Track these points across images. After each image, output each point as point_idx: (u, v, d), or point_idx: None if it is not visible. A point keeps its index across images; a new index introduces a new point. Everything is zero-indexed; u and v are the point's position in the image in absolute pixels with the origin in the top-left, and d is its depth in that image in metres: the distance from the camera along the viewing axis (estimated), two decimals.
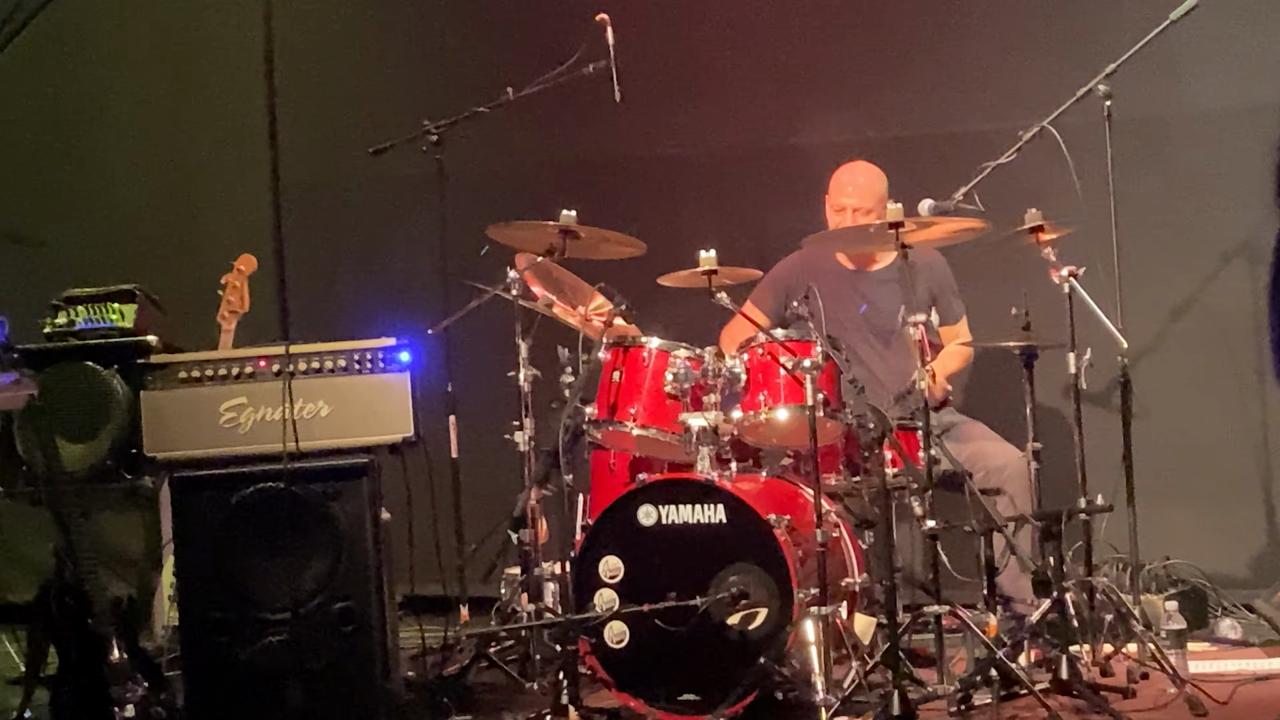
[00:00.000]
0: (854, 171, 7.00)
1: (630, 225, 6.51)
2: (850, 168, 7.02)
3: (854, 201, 6.91)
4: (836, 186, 7.00)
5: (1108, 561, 6.66)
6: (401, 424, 5.64)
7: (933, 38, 7.70)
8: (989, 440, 6.72)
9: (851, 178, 6.98)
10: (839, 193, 6.98)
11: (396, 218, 8.04)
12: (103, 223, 8.48)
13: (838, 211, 6.96)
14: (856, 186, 6.95)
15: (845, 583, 6.01)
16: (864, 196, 6.91)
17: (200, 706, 5.56)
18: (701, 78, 7.98)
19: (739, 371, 6.09)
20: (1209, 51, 7.25)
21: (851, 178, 6.98)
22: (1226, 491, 7.30)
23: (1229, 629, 6.65)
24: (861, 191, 6.92)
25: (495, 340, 6.46)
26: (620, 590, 5.84)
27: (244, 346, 6.15)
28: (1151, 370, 7.13)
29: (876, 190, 6.93)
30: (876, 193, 6.91)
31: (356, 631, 5.53)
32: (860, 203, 6.89)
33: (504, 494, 6.48)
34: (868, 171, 7.00)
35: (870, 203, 6.88)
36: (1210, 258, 7.35)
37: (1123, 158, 6.51)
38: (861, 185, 6.95)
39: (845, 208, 6.93)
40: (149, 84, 8.59)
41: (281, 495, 5.54)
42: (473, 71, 7.92)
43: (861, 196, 6.91)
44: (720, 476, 5.92)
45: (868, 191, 6.92)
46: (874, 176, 6.98)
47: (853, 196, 6.93)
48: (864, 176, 6.98)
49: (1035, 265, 6.18)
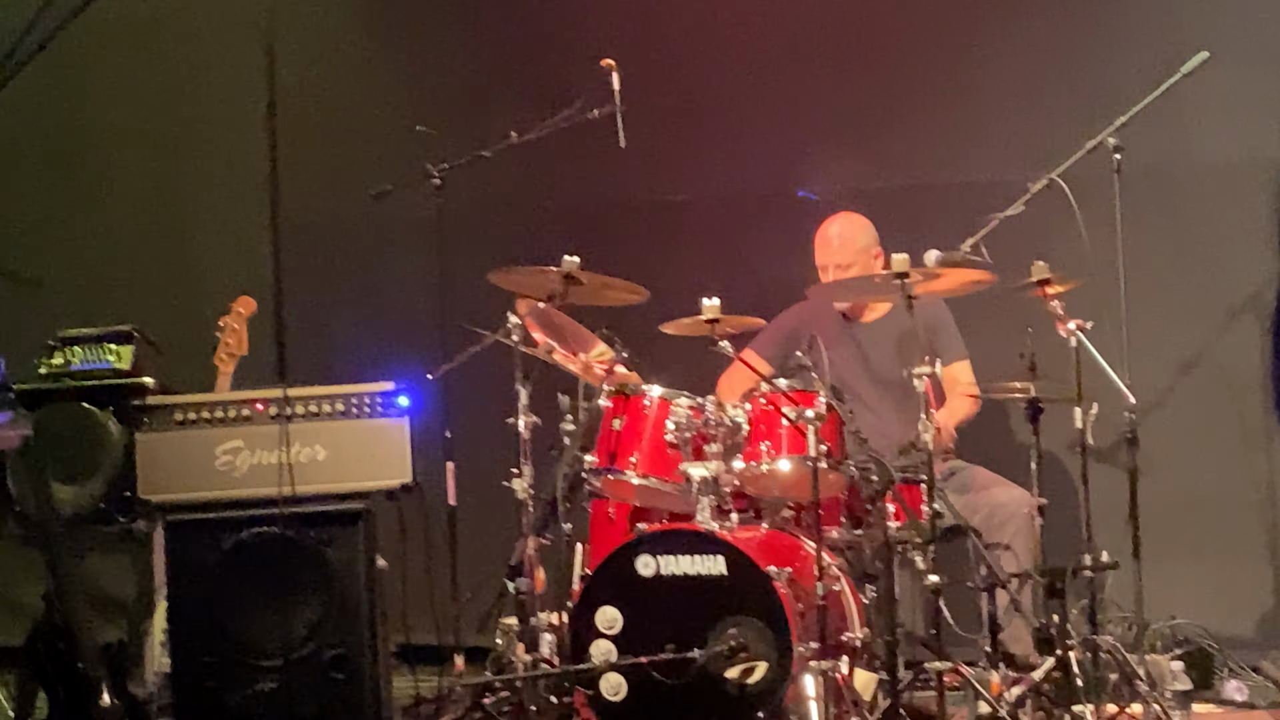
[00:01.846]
0: (832, 227, 6.98)
1: (633, 272, 6.46)
2: (828, 225, 7.00)
3: (835, 259, 6.88)
4: (818, 244, 6.99)
5: (1113, 620, 6.58)
6: (399, 469, 5.60)
7: (941, 87, 7.68)
8: (997, 485, 6.66)
9: (831, 233, 6.96)
10: (823, 251, 6.96)
11: (396, 261, 8.00)
12: (100, 263, 8.44)
13: (821, 270, 6.93)
14: (839, 240, 6.93)
15: (846, 637, 5.95)
16: (843, 252, 6.88)
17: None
18: (707, 124, 7.95)
19: (741, 421, 6.04)
20: (1218, 105, 7.22)
21: (831, 233, 6.96)
22: (1234, 550, 7.25)
23: (1235, 690, 6.58)
24: (843, 247, 6.90)
25: (495, 386, 6.40)
26: (618, 641, 5.77)
27: (241, 389, 6.10)
28: (1158, 425, 7.06)
29: (857, 242, 6.89)
30: (856, 245, 6.88)
31: (348, 680, 5.47)
32: (840, 259, 6.86)
33: (501, 542, 6.41)
34: (846, 224, 6.96)
35: (849, 257, 6.84)
36: (1218, 312, 7.31)
37: (1131, 210, 6.46)
38: (840, 239, 6.92)
39: (826, 265, 6.90)
40: (148, 124, 8.56)
41: (275, 540, 5.49)
42: (477, 115, 7.88)
43: (842, 252, 6.88)
44: (720, 527, 5.87)
45: (847, 245, 6.89)
46: (854, 229, 6.94)
47: (833, 254, 6.90)
48: (842, 230, 6.95)
49: (1042, 318, 6.13)
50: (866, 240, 6.89)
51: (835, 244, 6.92)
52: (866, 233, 6.92)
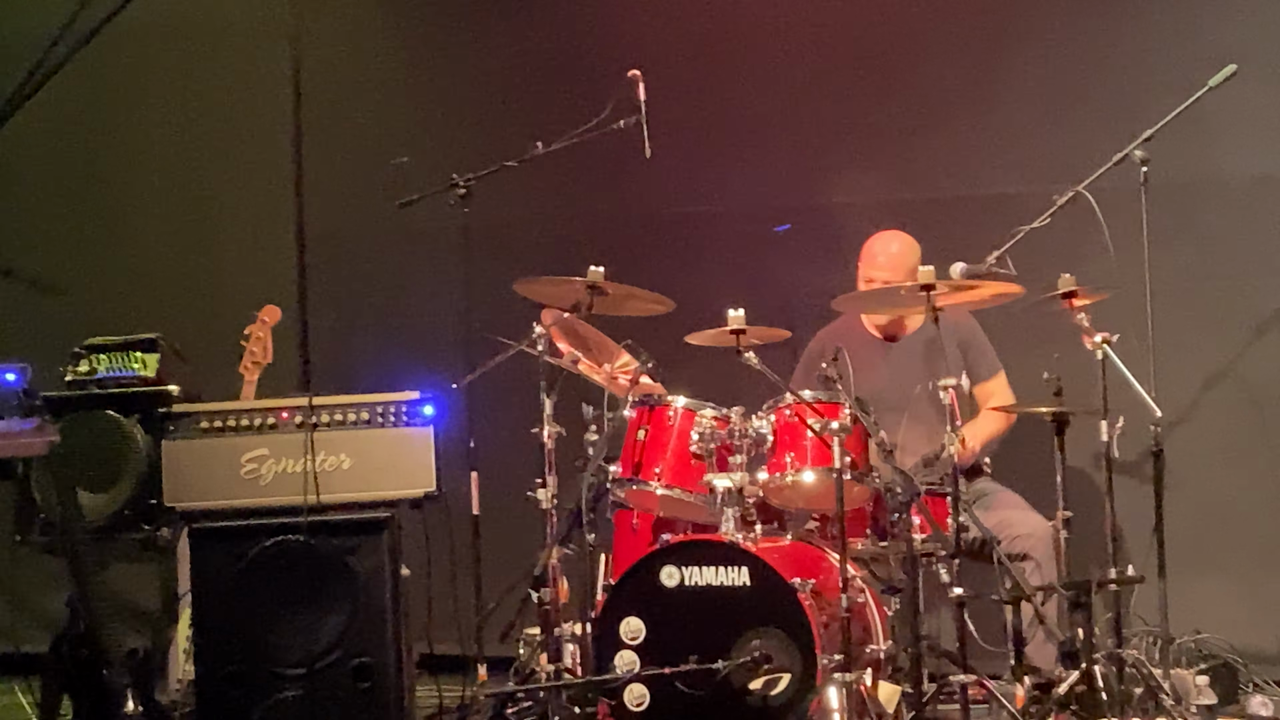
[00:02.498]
0: (886, 241, 6.91)
1: (658, 282, 6.45)
2: (883, 237, 6.93)
3: (884, 275, 6.80)
4: (867, 256, 6.91)
5: (1137, 634, 6.56)
6: (423, 478, 5.60)
7: (968, 100, 7.66)
8: (1016, 509, 6.62)
9: (883, 248, 6.89)
10: (869, 264, 6.89)
11: (422, 270, 8.00)
12: (126, 271, 8.46)
13: (867, 283, 6.88)
14: (888, 257, 6.85)
15: (870, 649, 5.94)
16: (894, 270, 6.80)
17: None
18: (733, 136, 7.94)
19: (765, 432, 6.03)
20: (1247, 119, 7.19)
21: (883, 248, 6.89)
22: (1259, 565, 7.21)
23: (1260, 705, 6.53)
24: (893, 264, 6.82)
25: (519, 396, 6.41)
26: (641, 652, 5.77)
27: (266, 397, 6.10)
28: (1184, 440, 7.04)
29: (907, 263, 6.81)
30: (907, 265, 6.80)
31: (372, 688, 5.47)
32: (890, 276, 6.77)
33: (525, 552, 6.42)
34: (900, 243, 6.90)
35: (900, 276, 6.75)
36: (1245, 327, 7.27)
37: (1158, 224, 6.44)
38: (893, 256, 6.85)
39: (875, 280, 6.84)
40: (174, 133, 8.58)
41: (300, 548, 5.49)
42: (502, 125, 7.89)
43: (892, 270, 6.80)
44: (745, 539, 5.86)
45: (899, 264, 6.82)
46: (906, 248, 6.89)
47: (883, 269, 6.83)
48: (896, 247, 6.88)
49: (1068, 331, 6.12)
50: (914, 261, 6.80)
51: (883, 259, 6.85)
52: (915, 253, 6.85)
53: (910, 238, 6.93)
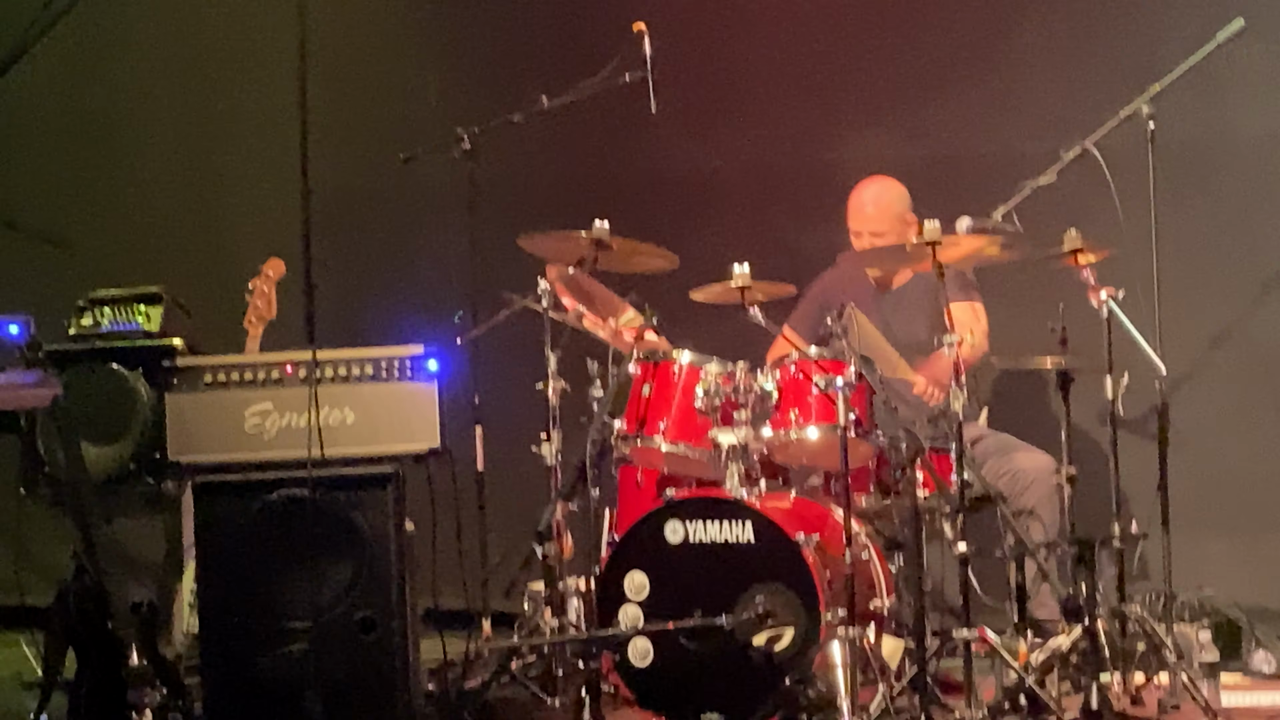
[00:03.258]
0: (866, 193, 6.89)
1: (663, 238, 6.44)
2: (862, 190, 6.90)
3: (869, 226, 6.79)
4: (851, 210, 6.89)
5: (1141, 590, 6.56)
6: (428, 434, 5.59)
7: (974, 56, 7.63)
8: (1019, 450, 6.61)
9: (866, 199, 6.87)
10: (854, 217, 6.87)
11: (426, 225, 7.99)
12: (130, 224, 8.45)
13: (855, 236, 6.86)
14: (873, 206, 6.84)
15: (874, 605, 5.95)
16: (878, 219, 6.79)
17: (218, 714, 5.51)
18: (738, 91, 7.91)
19: (770, 388, 6.02)
20: (1256, 76, 7.16)
21: (866, 199, 6.87)
22: (1263, 522, 7.21)
23: (1263, 662, 6.55)
24: (878, 214, 6.81)
25: (524, 352, 6.40)
26: (645, 607, 5.78)
27: (270, 351, 6.10)
28: (1189, 398, 7.02)
29: (892, 209, 6.81)
30: (892, 212, 6.80)
31: (377, 642, 5.47)
32: (875, 226, 6.77)
33: (529, 507, 6.41)
34: (881, 191, 6.88)
35: (884, 225, 6.76)
36: (1251, 285, 7.26)
37: (1165, 181, 6.42)
38: (875, 205, 6.83)
39: (861, 233, 6.82)
40: (179, 85, 8.57)
41: (304, 503, 5.49)
42: (507, 79, 7.86)
43: (877, 220, 6.79)
44: (749, 494, 5.86)
45: (882, 212, 6.80)
46: (889, 194, 6.86)
47: (868, 221, 6.81)
48: (877, 195, 6.86)
49: (1074, 287, 6.10)
50: (901, 207, 6.82)
51: (870, 210, 6.84)
52: (901, 199, 6.85)
53: (894, 181, 6.90)
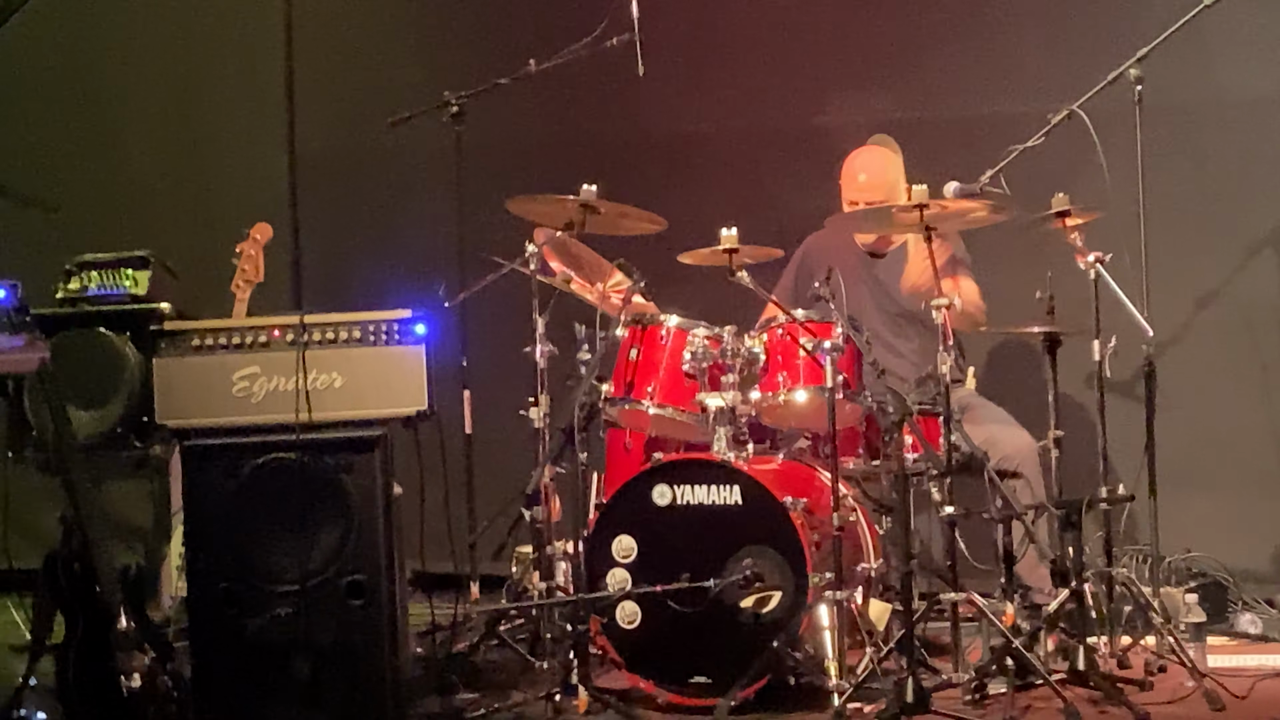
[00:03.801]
0: (858, 160, 6.87)
1: (651, 201, 6.43)
2: (858, 157, 6.88)
3: (864, 196, 6.76)
4: (846, 177, 6.86)
5: (1128, 553, 6.59)
6: (415, 397, 5.58)
7: (962, 18, 7.62)
8: (1003, 425, 6.62)
9: (861, 168, 6.84)
10: (848, 186, 6.85)
11: (414, 189, 7.98)
12: (118, 188, 8.43)
13: (850, 205, 6.85)
14: (869, 175, 6.81)
15: (861, 568, 5.96)
16: (873, 189, 6.76)
17: (207, 677, 5.50)
18: (726, 55, 7.90)
19: (758, 352, 6.02)
20: (1242, 39, 7.16)
21: (861, 168, 6.84)
22: (1249, 485, 7.23)
23: (1249, 623, 6.58)
24: (872, 184, 6.78)
25: (512, 315, 6.40)
26: (633, 570, 5.78)
27: (258, 315, 6.09)
28: (1176, 360, 7.04)
29: (887, 177, 6.80)
30: (887, 180, 6.78)
31: (365, 606, 5.46)
32: (870, 196, 6.74)
33: (517, 471, 6.42)
34: (876, 159, 6.86)
35: (880, 194, 6.73)
36: (1238, 248, 7.27)
37: (1152, 144, 6.44)
38: (870, 174, 6.80)
39: (856, 202, 6.81)
40: (167, 49, 8.53)
41: (292, 466, 5.48)
42: (494, 43, 7.85)
43: (871, 190, 6.77)
44: (737, 457, 5.86)
45: (877, 181, 6.78)
46: (883, 163, 6.84)
47: (862, 191, 6.79)
48: (872, 165, 6.84)
49: (1061, 251, 6.11)
50: (895, 174, 6.79)
51: (863, 180, 6.81)
52: (895, 166, 6.82)
53: (886, 150, 6.89)
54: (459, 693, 5.81)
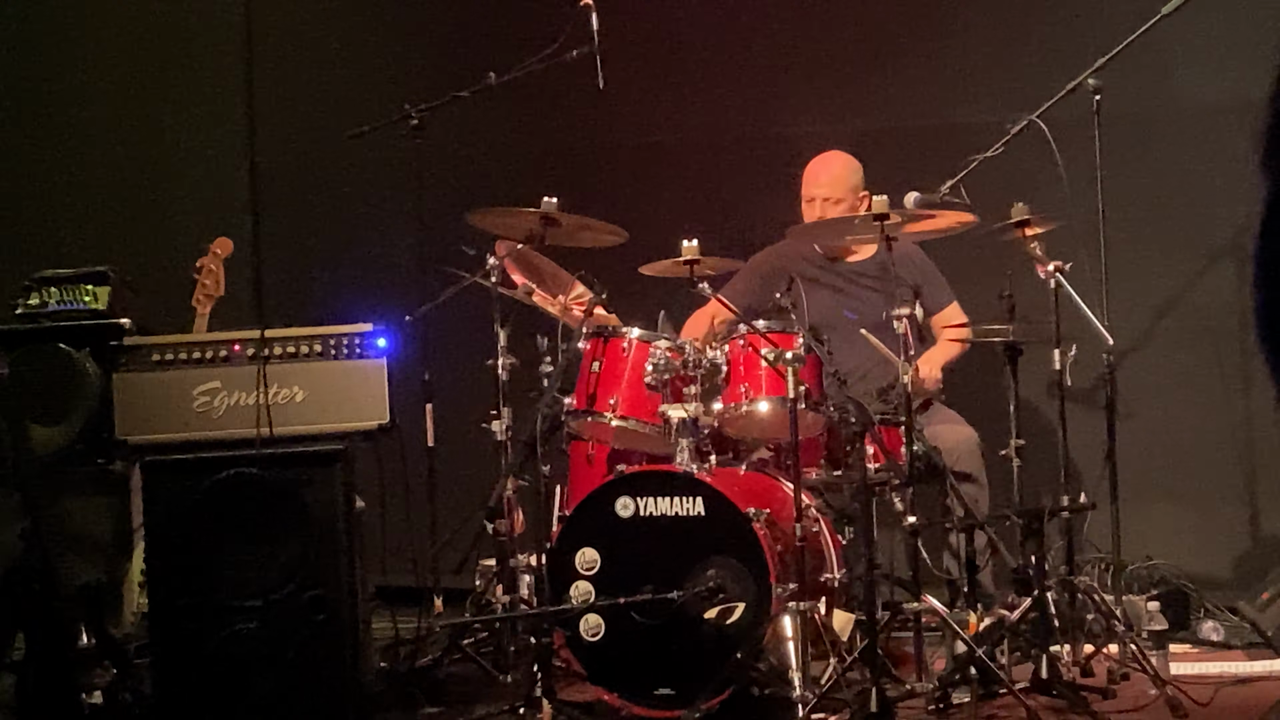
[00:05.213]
0: (826, 162, 6.95)
1: (612, 213, 6.43)
2: (822, 158, 6.96)
3: (824, 192, 6.84)
4: (808, 176, 6.93)
5: (1089, 561, 6.60)
6: (377, 411, 5.57)
7: (921, 29, 7.65)
8: (945, 424, 6.63)
9: (824, 168, 6.92)
10: (810, 183, 6.91)
11: (374, 202, 7.97)
12: (76, 203, 8.39)
13: (808, 202, 6.89)
14: (830, 176, 6.89)
15: (824, 578, 5.95)
16: (835, 187, 6.84)
17: (169, 693, 5.48)
18: (686, 66, 7.91)
19: (720, 363, 6.02)
20: (1200, 47, 7.20)
21: (824, 168, 6.92)
22: (1210, 492, 7.26)
23: (1211, 631, 6.60)
24: (834, 182, 6.86)
25: (473, 328, 6.39)
26: (596, 582, 5.76)
27: (219, 330, 6.07)
28: (1136, 368, 7.07)
29: (849, 180, 6.87)
30: (848, 183, 6.85)
31: (327, 620, 5.45)
32: (830, 193, 6.82)
33: (479, 484, 6.41)
34: (840, 161, 6.93)
35: (841, 192, 6.82)
36: (1197, 255, 7.30)
37: (1111, 153, 6.46)
38: (834, 175, 6.89)
39: (815, 198, 6.86)
40: (124, 62, 8.50)
41: (253, 481, 5.47)
42: (454, 56, 7.85)
43: (832, 187, 6.84)
44: (699, 469, 5.86)
45: (839, 182, 6.86)
46: (846, 167, 6.91)
47: (823, 187, 6.86)
48: (837, 167, 6.92)
49: (1021, 260, 6.12)
50: (856, 180, 6.86)
51: (825, 178, 6.88)
52: (857, 173, 6.89)
53: (851, 157, 6.94)
54: (422, 707, 5.79)
